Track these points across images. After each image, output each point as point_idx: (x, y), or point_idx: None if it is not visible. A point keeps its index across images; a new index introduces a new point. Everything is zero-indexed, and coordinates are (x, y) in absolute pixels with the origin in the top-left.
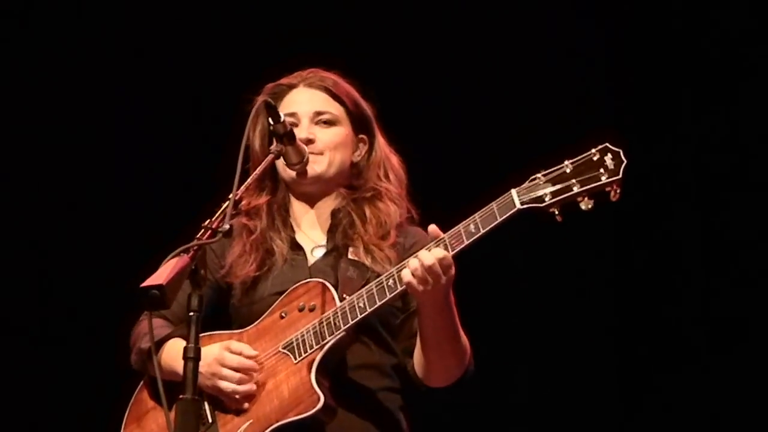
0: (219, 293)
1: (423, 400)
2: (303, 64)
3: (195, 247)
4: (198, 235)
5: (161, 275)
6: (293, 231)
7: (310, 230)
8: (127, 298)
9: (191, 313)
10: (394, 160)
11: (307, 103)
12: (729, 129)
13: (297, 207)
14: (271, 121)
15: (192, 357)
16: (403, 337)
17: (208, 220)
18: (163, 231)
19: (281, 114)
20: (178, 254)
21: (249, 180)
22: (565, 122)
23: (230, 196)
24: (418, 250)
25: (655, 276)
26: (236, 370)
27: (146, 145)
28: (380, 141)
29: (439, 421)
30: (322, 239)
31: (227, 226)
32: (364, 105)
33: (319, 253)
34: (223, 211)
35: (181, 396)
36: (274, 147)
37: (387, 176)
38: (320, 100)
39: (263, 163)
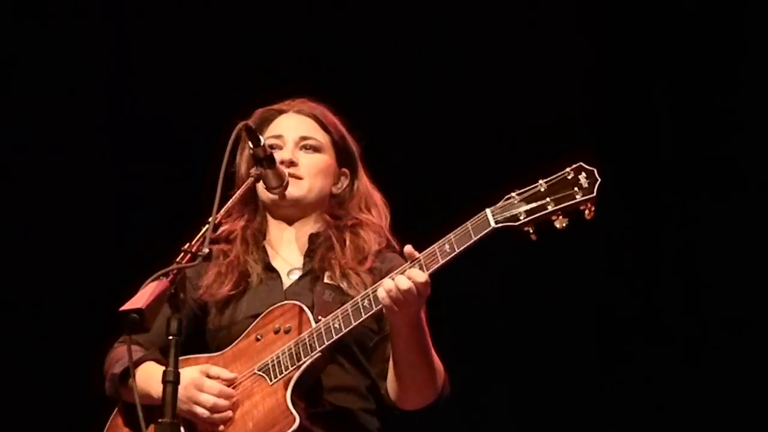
0: (195, 318)
1: (401, 423)
2: (292, 94)
3: (174, 271)
4: (177, 259)
5: (140, 299)
6: (267, 254)
7: (287, 253)
8: (104, 323)
9: (170, 337)
10: (377, 196)
11: (294, 127)
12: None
13: (274, 230)
14: (251, 145)
15: (171, 381)
16: (377, 359)
17: (187, 244)
18: (143, 254)
19: (261, 138)
20: (157, 278)
21: (229, 203)
22: (541, 142)
23: (210, 219)
24: None
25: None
26: (214, 395)
27: (128, 168)
28: (363, 177)
29: None
30: (299, 263)
31: (207, 250)
32: (350, 140)
33: (295, 276)
34: (202, 234)
35: (160, 420)
36: (254, 170)
37: (369, 210)
38: (308, 127)
39: (242, 186)
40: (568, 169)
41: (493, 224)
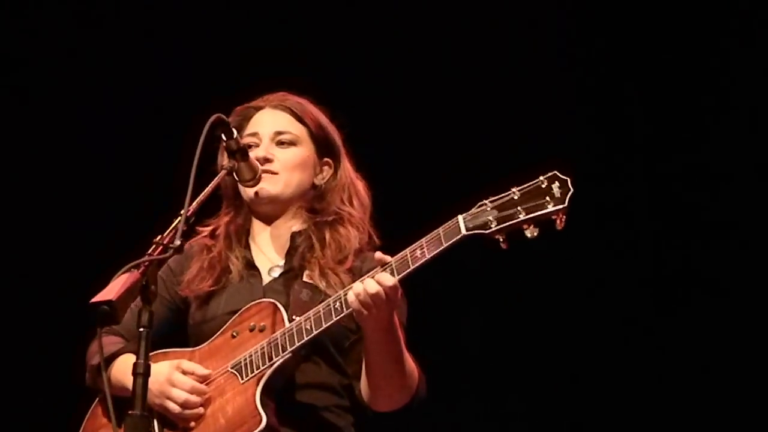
0: (177, 312)
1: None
2: (274, 88)
3: (145, 263)
4: (149, 251)
5: (111, 291)
6: (250, 251)
7: (269, 251)
8: (81, 315)
9: (141, 329)
10: (360, 185)
11: (269, 123)
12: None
13: (257, 227)
14: (224, 137)
15: (141, 373)
16: (353, 360)
17: (159, 236)
18: (115, 246)
19: (234, 130)
20: (128, 270)
21: (201, 196)
22: (523, 148)
23: (182, 212)
24: None
25: None
26: (186, 391)
27: (100, 160)
28: (346, 165)
29: None
30: (280, 260)
31: (178, 242)
32: (331, 128)
33: (275, 273)
34: (174, 227)
35: (129, 412)
36: (226, 163)
37: (351, 201)
38: (283, 121)
39: (215, 179)
40: (542, 178)
41: (463, 231)
